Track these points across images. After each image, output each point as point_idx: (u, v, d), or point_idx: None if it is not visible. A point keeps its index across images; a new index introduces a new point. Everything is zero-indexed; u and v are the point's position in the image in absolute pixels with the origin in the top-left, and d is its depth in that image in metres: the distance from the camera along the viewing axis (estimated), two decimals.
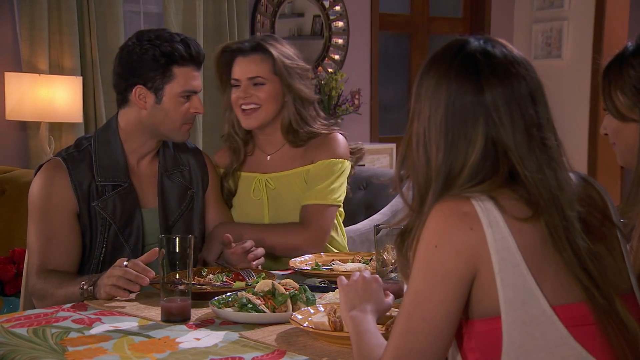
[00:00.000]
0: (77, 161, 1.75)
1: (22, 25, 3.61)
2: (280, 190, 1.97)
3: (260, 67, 1.92)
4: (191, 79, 1.78)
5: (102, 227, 1.74)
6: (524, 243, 0.98)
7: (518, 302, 0.97)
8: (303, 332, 1.34)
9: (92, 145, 1.78)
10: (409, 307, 1.00)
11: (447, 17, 5.74)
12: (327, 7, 4.82)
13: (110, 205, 1.75)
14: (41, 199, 1.73)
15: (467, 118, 1.01)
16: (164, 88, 1.76)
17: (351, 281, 1.25)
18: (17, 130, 3.75)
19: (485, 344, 0.99)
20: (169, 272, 1.44)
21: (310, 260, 1.84)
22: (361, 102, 4.78)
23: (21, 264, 2.45)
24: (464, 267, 0.98)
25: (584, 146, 4.77)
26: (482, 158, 1.00)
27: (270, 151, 1.99)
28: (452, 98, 1.02)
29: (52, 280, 1.68)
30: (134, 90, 1.76)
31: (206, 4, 4.19)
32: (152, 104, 1.77)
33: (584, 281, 0.98)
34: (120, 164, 1.78)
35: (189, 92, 1.78)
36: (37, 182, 1.75)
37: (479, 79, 1.01)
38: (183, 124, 1.80)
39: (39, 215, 1.73)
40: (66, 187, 1.72)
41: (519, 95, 1.01)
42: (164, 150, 1.86)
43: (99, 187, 1.74)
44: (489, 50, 1.04)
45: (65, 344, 1.30)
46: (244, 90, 1.92)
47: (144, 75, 1.75)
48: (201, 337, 1.34)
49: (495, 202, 0.98)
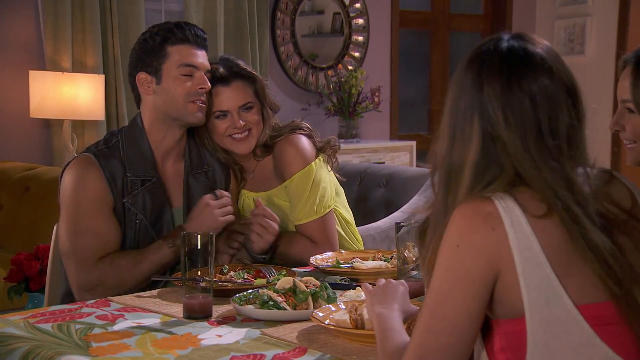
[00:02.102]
0: (108, 157, 1.76)
1: (46, 24, 3.65)
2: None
3: (247, 92, 1.89)
4: (188, 54, 1.78)
5: (132, 223, 1.76)
6: (547, 242, 0.97)
7: (542, 302, 0.96)
8: (324, 329, 1.34)
9: (120, 141, 1.80)
10: (430, 306, 1.00)
11: (468, 14, 5.70)
12: (347, 4, 4.81)
13: (140, 200, 1.76)
14: (79, 194, 1.72)
15: (466, 114, 1.02)
16: (161, 68, 1.76)
17: (377, 285, 1.27)
18: (40, 128, 3.80)
19: (514, 344, 0.98)
20: (191, 269, 1.45)
21: (331, 257, 1.84)
22: (381, 99, 4.77)
23: (45, 260, 2.48)
24: (485, 267, 0.97)
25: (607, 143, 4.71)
26: (483, 156, 1.00)
27: (250, 168, 1.97)
28: (458, 93, 1.04)
29: (120, 262, 1.70)
30: (137, 78, 1.78)
31: (227, 2, 4.20)
32: (154, 86, 1.78)
33: (605, 279, 0.97)
34: (148, 159, 1.79)
35: (186, 66, 1.77)
36: (70, 178, 1.74)
37: (481, 76, 1.02)
38: (187, 102, 1.78)
39: (79, 211, 1.71)
40: (101, 181, 1.73)
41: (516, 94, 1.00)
42: (189, 150, 1.87)
43: (129, 182, 1.76)
44: (500, 48, 1.03)
45: (89, 340, 1.31)
46: (235, 119, 1.87)
47: (142, 62, 1.77)
48: (223, 334, 1.34)
49: (517, 201, 0.98)
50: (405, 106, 5.31)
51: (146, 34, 1.80)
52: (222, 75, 1.87)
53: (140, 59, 1.79)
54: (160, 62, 1.77)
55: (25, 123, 3.73)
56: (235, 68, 1.90)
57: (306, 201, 1.89)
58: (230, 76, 1.88)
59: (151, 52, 1.77)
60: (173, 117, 1.80)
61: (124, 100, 3.84)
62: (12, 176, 3.43)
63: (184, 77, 1.77)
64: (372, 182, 3.04)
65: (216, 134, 1.90)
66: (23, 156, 3.72)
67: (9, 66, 3.70)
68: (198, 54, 1.80)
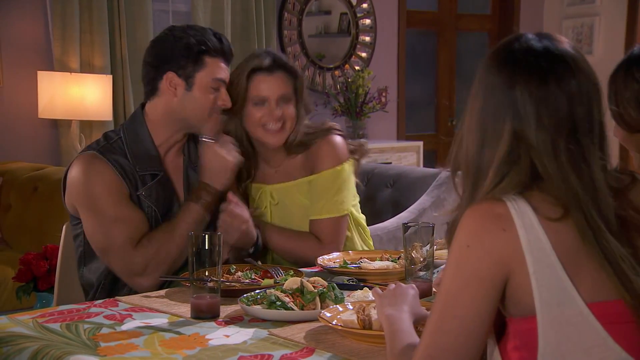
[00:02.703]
0: (112, 152, 1.75)
1: (54, 25, 3.67)
2: (284, 202, 1.96)
3: (287, 85, 1.90)
4: (221, 70, 1.80)
5: (148, 215, 1.76)
6: (559, 243, 0.97)
7: (554, 303, 0.96)
8: (332, 330, 1.34)
9: (123, 138, 1.79)
10: (440, 306, 1.00)
11: (475, 14, 5.69)
12: (354, 4, 4.81)
13: (154, 193, 1.78)
14: (94, 189, 1.70)
15: (498, 114, 1.01)
16: (194, 76, 1.76)
17: (388, 289, 1.27)
18: (48, 128, 3.82)
19: (527, 343, 0.98)
20: (199, 269, 1.45)
21: (338, 258, 1.84)
22: (388, 99, 4.77)
23: (53, 259, 2.49)
24: (495, 268, 0.97)
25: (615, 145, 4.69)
26: (507, 153, 1.00)
27: (275, 165, 1.97)
28: (489, 93, 1.02)
29: (157, 237, 1.71)
30: (165, 76, 1.76)
31: (234, 2, 4.21)
32: (182, 91, 1.77)
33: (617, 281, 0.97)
34: (153, 154, 1.80)
35: (218, 81, 1.79)
36: (80, 176, 1.72)
37: (514, 74, 1.01)
38: (211, 114, 1.80)
39: (100, 205, 1.70)
40: (112, 173, 1.72)
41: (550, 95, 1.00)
42: (188, 145, 1.88)
43: (140, 176, 1.76)
44: (533, 47, 1.02)
45: (97, 340, 1.32)
46: (272, 108, 1.87)
47: (176, 62, 1.76)
48: (230, 334, 1.35)
49: (530, 203, 0.98)
50: (412, 106, 5.30)
51: (183, 35, 1.77)
52: (266, 64, 1.88)
53: (173, 59, 1.76)
54: (196, 69, 1.77)
55: (33, 123, 3.74)
56: (280, 60, 1.91)
57: (329, 198, 1.91)
58: (274, 66, 1.89)
59: (187, 56, 1.75)
60: (190, 124, 1.81)
61: (132, 100, 3.85)
62: (21, 176, 3.45)
63: (211, 90, 1.79)
64: (379, 182, 3.04)
65: (250, 122, 1.89)
66: (31, 156, 3.74)
67: (17, 67, 3.72)
68: (227, 70, 1.83)
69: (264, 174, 1.98)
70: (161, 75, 1.77)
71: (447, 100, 5.56)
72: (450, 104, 5.59)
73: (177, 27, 1.82)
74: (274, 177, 1.97)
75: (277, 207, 1.96)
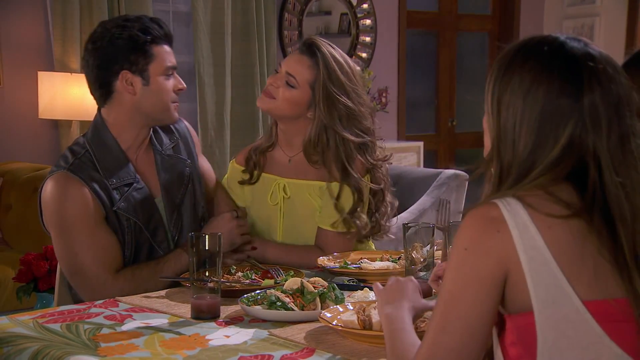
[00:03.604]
0: (83, 169, 1.68)
1: (55, 25, 3.67)
2: (294, 199, 1.94)
3: (303, 70, 1.89)
4: (169, 55, 1.75)
5: (128, 228, 1.72)
6: (554, 240, 0.98)
7: (549, 300, 0.97)
8: (332, 330, 1.34)
9: (90, 150, 1.72)
10: (442, 307, 1.01)
11: (475, 15, 5.69)
12: (354, 5, 4.81)
13: (131, 204, 1.72)
14: (67, 214, 1.64)
15: (561, 120, 1.00)
16: (147, 69, 1.71)
17: (387, 284, 1.27)
18: (49, 129, 3.82)
19: (524, 338, 0.99)
20: (199, 270, 1.45)
21: (339, 258, 1.84)
22: (388, 100, 4.77)
23: (54, 260, 2.49)
24: (494, 268, 0.99)
25: None
26: (559, 157, 1.00)
27: (290, 153, 1.97)
28: (550, 97, 1.01)
29: (141, 275, 1.69)
30: (119, 76, 1.71)
31: (234, 3, 4.21)
32: (140, 87, 1.72)
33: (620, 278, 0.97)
34: (123, 162, 1.74)
35: (170, 67, 1.74)
36: (53, 201, 1.66)
37: (581, 83, 1.00)
38: (172, 102, 1.77)
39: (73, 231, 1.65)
40: (86, 195, 1.65)
41: (617, 102, 1.00)
42: (154, 135, 1.84)
43: (113, 190, 1.70)
44: (592, 53, 1.02)
45: (97, 340, 1.32)
46: (276, 79, 1.91)
47: (126, 59, 1.70)
48: (231, 335, 1.35)
49: (522, 201, 0.99)
50: (412, 107, 5.30)
51: (122, 30, 1.70)
52: (305, 47, 1.93)
53: (121, 56, 1.70)
54: (147, 62, 1.71)
55: (34, 124, 3.75)
56: (316, 49, 1.90)
57: (344, 213, 1.86)
58: (307, 50, 1.91)
59: (135, 50, 1.70)
60: (155, 118, 1.77)
61: None
62: (21, 177, 3.45)
63: (168, 77, 1.75)
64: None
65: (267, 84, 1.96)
66: (32, 157, 3.74)
67: (18, 67, 3.72)
68: (172, 54, 1.78)
69: (279, 164, 1.98)
70: (115, 75, 1.71)
71: (448, 100, 5.57)
72: (451, 104, 5.59)
73: (110, 22, 1.76)
74: (289, 169, 1.96)
75: (289, 201, 1.95)
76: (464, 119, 5.61)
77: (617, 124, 1.00)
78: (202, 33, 4.09)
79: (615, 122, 1.00)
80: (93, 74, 1.74)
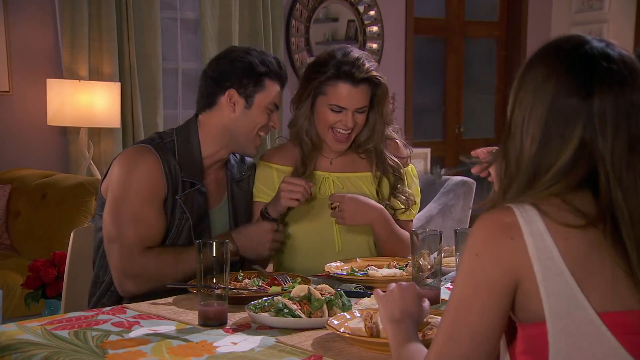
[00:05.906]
0: (165, 151, 1.80)
1: (64, 33, 3.69)
2: (349, 190, 1.97)
3: (367, 96, 1.94)
4: (278, 94, 1.88)
5: (178, 221, 1.80)
6: (569, 250, 0.96)
7: (563, 311, 0.95)
8: (339, 337, 1.34)
9: (175, 140, 1.83)
10: (451, 314, 1.00)
11: (482, 21, 5.69)
12: (361, 11, 4.82)
13: (190, 201, 1.81)
14: (132, 181, 1.74)
15: (569, 118, 0.98)
16: (254, 96, 1.83)
17: (388, 292, 1.24)
18: (57, 136, 3.84)
19: (535, 348, 0.98)
20: (206, 277, 1.46)
21: (346, 265, 1.84)
22: (396, 106, 4.77)
23: (62, 266, 2.50)
24: (505, 275, 0.97)
25: None
26: (572, 162, 0.98)
27: (332, 156, 2.02)
28: (559, 94, 0.99)
29: (165, 258, 1.74)
30: (226, 93, 1.82)
31: (242, 10, 4.23)
32: (241, 109, 1.83)
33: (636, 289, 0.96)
34: (198, 164, 1.84)
35: (275, 105, 1.87)
36: (126, 165, 1.76)
37: (592, 82, 0.98)
38: (257, 134, 1.86)
39: (129, 198, 1.73)
40: (159, 171, 1.76)
41: (630, 106, 0.98)
42: (230, 163, 1.95)
43: (182, 182, 1.80)
44: (610, 54, 1.00)
45: (105, 347, 1.32)
46: (348, 118, 1.90)
47: (238, 81, 1.82)
48: (238, 342, 1.35)
49: (539, 209, 0.97)
50: (420, 113, 5.30)
51: (245, 55, 1.83)
52: (355, 77, 1.89)
53: (236, 76, 1.82)
54: (257, 90, 1.83)
55: (42, 131, 3.76)
56: (367, 74, 1.91)
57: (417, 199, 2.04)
58: (361, 80, 1.90)
59: (250, 76, 1.82)
60: (238, 142, 1.86)
61: (140, 107, 3.87)
62: (30, 183, 3.46)
63: (267, 112, 1.86)
64: None
65: (321, 122, 1.93)
66: (40, 163, 3.76)
67: (26, 74, 3.75)
68: (281, 95, 1.90)
69: (321, 163, 2.02)
70: (223, 90, 1.83)
71: (455, 107, 5.56)
72: (458, 110, 5.58)
73: (238, 47, 1.91)
74: (332, 167, 2.02)
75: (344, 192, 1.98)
76: (472, 126, 5.60)
77: (626, 128, 0.97)
78: (209, 40, 4.11)
79: (624, 127, 0.97)
80: (205, 82, 1.87)
